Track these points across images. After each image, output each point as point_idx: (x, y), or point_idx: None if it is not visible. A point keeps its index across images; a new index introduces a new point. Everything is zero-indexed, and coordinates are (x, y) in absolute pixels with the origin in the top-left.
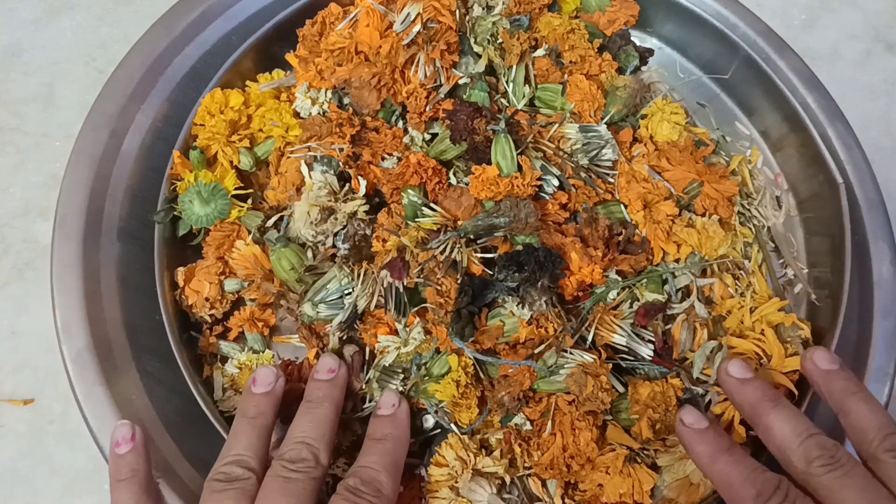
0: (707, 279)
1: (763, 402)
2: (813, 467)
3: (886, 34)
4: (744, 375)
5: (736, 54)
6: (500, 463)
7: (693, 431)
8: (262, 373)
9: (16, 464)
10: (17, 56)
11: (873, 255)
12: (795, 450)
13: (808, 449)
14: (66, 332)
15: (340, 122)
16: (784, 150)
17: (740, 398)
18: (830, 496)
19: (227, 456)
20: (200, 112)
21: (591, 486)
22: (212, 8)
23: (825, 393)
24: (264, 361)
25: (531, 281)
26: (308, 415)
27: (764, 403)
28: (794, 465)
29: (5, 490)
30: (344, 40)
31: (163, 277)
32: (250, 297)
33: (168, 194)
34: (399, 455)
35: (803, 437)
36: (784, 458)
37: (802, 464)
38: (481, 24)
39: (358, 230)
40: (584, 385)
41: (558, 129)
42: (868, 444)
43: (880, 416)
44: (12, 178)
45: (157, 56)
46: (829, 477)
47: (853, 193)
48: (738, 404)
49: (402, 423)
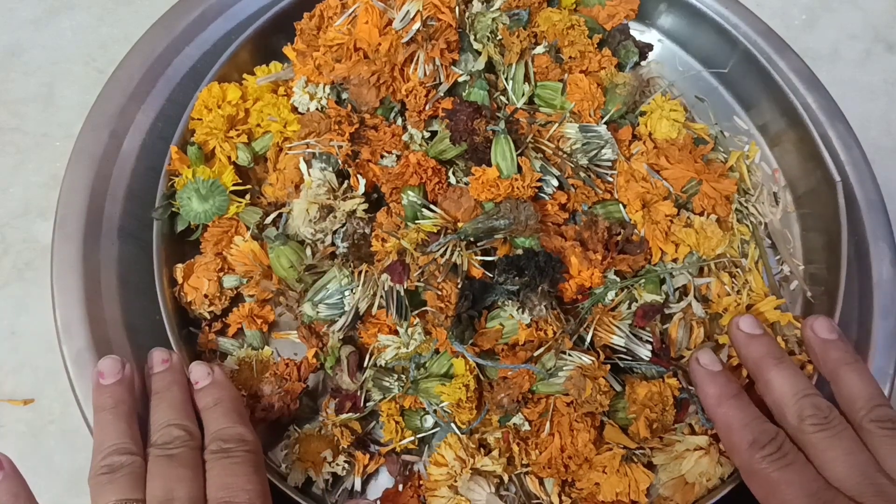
0: (704, 278)
1: (767, 358)
2: (805, 425)
3: (886, 34)
4: (753, 331)
5: (735, 49)
6: (499, 462)
7: (706, 372)
8: (105, 364)
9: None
10: (17, 56)
11: (873, 255)
12: (791, 406)
13: (803, 407)
14: (66, 332)
15: (339, 120)
16: (782, 146)
17: (746, 352)
18: (818, 455)
19: (102, 450)
20: (197, 106)
21: (587, 484)
22: (212, 8)
23: (820, 361)
24: (264, 358)
25: (531, 286)
26: (161, 403)
27: (768, 359)
28: (787, 420)
29: None
30: (343, 36)
31: (161, 274)
32: (249, 293)
33: (166, 190)
34: (239, 408)
35: (800, 395)
36: (779, 413)
37: (795, 420)
38: (481, 21)
39: (357, 228)
40: (583, 388)
41: (558, 129)
42: (856, 413)
43: (871, 387)
44: (12, 178)
45: (157, 56)
46: (818, 436)
47: (851, 190)
48: (743, 358)
49: (225, 384)
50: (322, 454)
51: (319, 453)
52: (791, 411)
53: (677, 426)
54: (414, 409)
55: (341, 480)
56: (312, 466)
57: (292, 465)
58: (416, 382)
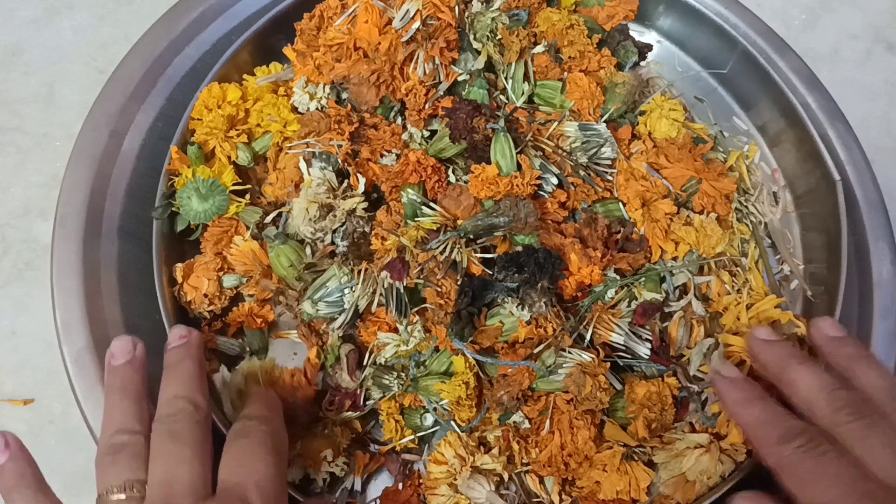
0: (704, 277)
1: (790, 359)
2: (840, 415)
3: (887, 34)
4: (771, 338)
5: (734, 49)
6: (499, 460)
7: (728, 380)
8: (117, 345)
9: None
10: (17, 56)
11: (873, 256)
12: (822, 400)
13: (835, 399)
14: (66, 332)
15: (339, 119)
16: (781, 146)
17: (767, 357)
18: (855, 445)
19: (107, 431)
20: (197, 106)
21: (588, 483)
22: (212, 8)
23: (833, 359)
24: (267, 368)
25: (531, 282)
26: (171, 377)
27: (790, 360)
28: (819, 414)
29: None
30: (342, 36)
31: (161, 273)
32: (249, 292)
33: (166, 190)
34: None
35: (829, 389)
36: (809, 409)
37: (829, 412)
38: (480, 20)
39: (357, 227)
40: (583, 385)
41: (557, 127)
42: (882, 404)
43: (890, 379)
44: (12, 178)
45: (157, 56)
46: (854, 426)
47: (851, 190)
48: (764, 363)
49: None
50: (322, 453)
51: (320, 452)
52: (823, 404)
53: (678, 424)
54: (414, 408)
55: (341, 479)
56: (313, 465)
57: (292, 461)
58: (415, 380)
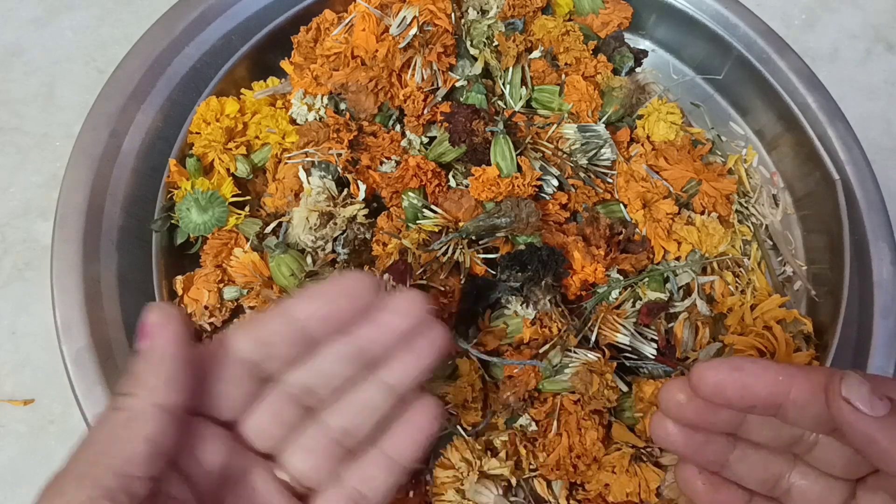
0: (708, 277)
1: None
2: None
3: (887, 34)
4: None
5: (729, 55)
6: (506, 465)
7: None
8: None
9: (16, 464)
10: (17, 56)
11: (873, 255)
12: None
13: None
14: (66, 332)
15: (338, 128)
16: (779, 149)
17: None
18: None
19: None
20: (196, 120)
21: (597, 486)
22: (212, 8)
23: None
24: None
25: (535, 280)
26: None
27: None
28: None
29: (5, 490)
30: (340, 45)
31: (161, 286)
32: (249, 304)
33: (165, 202)
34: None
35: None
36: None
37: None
38: (476, 28)
39: (357, 234)
40: (590, 383)
41: (557, 130)
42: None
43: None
44: (12, 178)
45: (157, 56)
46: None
47: (851, 190)
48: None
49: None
50: None
51: None
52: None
53: None
54: None
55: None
56: None
57: None
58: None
